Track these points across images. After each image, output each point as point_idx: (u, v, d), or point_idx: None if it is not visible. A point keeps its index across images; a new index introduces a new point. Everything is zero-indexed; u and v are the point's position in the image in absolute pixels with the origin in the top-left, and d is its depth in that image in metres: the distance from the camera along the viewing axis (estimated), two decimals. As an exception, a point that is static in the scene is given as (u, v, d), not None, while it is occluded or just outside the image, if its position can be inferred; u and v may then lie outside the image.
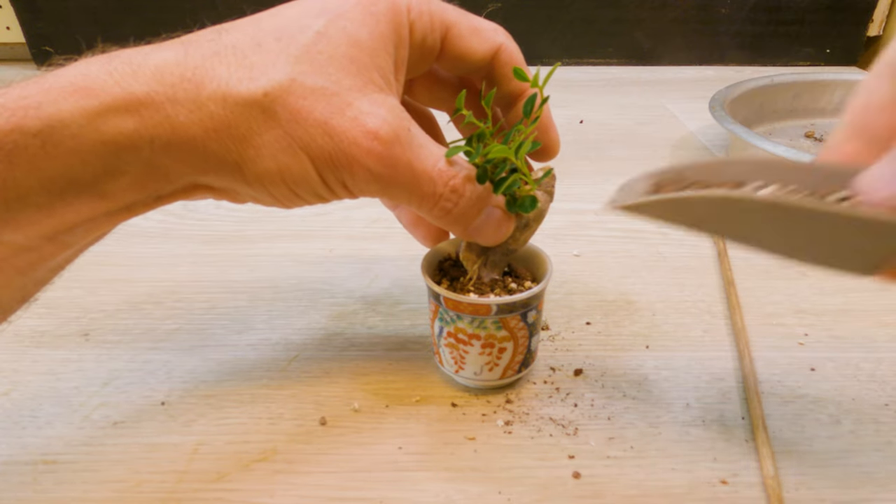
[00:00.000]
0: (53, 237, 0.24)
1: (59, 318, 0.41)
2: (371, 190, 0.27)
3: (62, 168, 0.23)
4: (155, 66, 0.24)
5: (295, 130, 0.25)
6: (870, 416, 0.33)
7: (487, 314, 0.31)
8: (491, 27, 0.30)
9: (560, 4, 0.95)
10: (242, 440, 0.32)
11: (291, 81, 0.24)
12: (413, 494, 0.29)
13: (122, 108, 0.23)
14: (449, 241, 0.35)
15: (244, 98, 0.24)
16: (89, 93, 0.23)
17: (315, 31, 0.25)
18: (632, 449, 0.31)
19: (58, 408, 0.34)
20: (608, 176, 0.61)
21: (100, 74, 0.23)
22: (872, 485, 0.29)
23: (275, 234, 0.51)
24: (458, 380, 0.34)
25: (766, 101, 0.71)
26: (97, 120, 0.23)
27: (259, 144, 0.25)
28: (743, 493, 0.29)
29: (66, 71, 0.23)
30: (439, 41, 0.29)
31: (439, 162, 0.27)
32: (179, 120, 0.24)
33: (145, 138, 0.23)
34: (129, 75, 0.23)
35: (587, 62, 1.00)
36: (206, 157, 0.25)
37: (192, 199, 0.27)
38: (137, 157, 0.24)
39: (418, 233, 0.35)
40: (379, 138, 0.25)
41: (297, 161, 0.25)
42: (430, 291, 0.32)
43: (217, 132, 0.24)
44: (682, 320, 0.41)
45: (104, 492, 0.29)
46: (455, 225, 0.29)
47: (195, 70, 0.24)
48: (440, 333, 0.33)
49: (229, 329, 0.40)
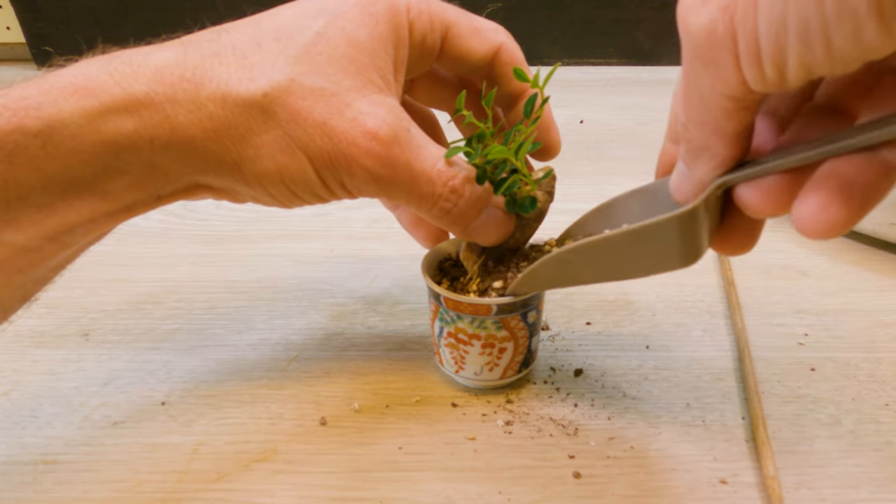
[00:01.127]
0: (54, 237, 0.24)
1: (60, 317, 0.41)
2: (370, 190, 0.27)
3: (63, 168, 0.23)
4: (155, 67, 0.24)
5: (294, 131, 0.25)
6: (870, 416, 0.33)
7: (488, 314, 0.31)
8: (491, 27, 0.30)
9: (560, 4, 0.95)
10: (242, 440, 0.32)
11: (290, 82, 0.24)
12: (413, 494, 0.29)
13: (121, 109, 0.23)
14: (449, 242, 0.35)
15: (243, 98, 0.24)
16: (89, 93, 0.23)
17: (314, 31, 0.25)
18: (632, 449, 0.31)
19: (58, 408, 0.34)
20: (608, 176, 0.61)
21: (100, 75, 0.23)
22: (872, 485, 0.29)
23: (275, 234, 0.51)
24: (459, 380, 0.34)
25: (765, 101, 0.71)
26: (97, 120, 0.23)
27: (258, 145, 0.25)
28: (743, 493, 0.29)
29: (67, 71, 0.23)
30: (439, 41, 0.29)
31: (438, 162, 0.27)
32: (179, 120, 0.24)
33: (145, 138, 0.23)
34: (129, 75, 0.23)
35: (587, 62, 1.00)
36: (206, 157, 0.25)
37: (193, 200, 0.27)
38: (137, 157, 0.24)
39: (418, 234, 0.35)
40: (378, 138, 0.25)
41: (295, 161, 0.25)
42: (430, 291, 0.32)
43: (216, 132, 0.24)
44: (683, 320, 0.41)
45: (104, 492, 0.29)
46: (454, 225, 0.29)
47: (195, 70, 0.24)
48: (440, 333, 0.33)
49: (229, 329, 0.40)
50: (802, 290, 0.43)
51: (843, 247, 0.49)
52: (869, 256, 0.47)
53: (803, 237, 0.18)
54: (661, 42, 0.99)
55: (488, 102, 0.29)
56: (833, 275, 0.45)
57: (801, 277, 0.45)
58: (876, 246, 0.48)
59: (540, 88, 0.29)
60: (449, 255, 0.35)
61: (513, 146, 0.28)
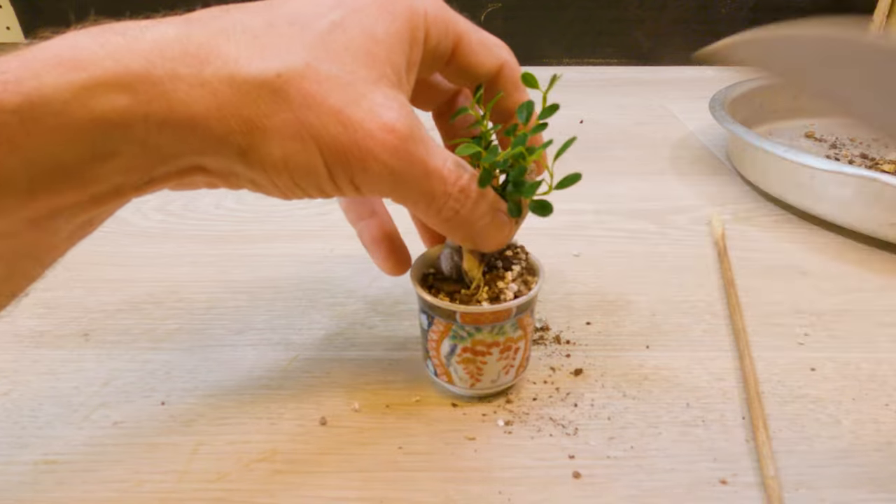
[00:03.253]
0: (36, 222, 0.22)
1: (60, 318, 0.41)
2: (381, 186, 0.25)
3: (45, 148, 0.21)
4: (153, 40, 0.22)
5: (307, 116, 0.23)
6: (870, 416, 0.33)
7: (507, 318, 0.30)
8: (496, 42, 0.30)
9: (560, 4, 0.95)
10: (243, 440, 0.32)
11: (306, 66, 0.23)
12: (413, 494, 0.29)
13: (113, 83, 0.21)
14: (420, 261, 0.33)
15: (254, 77, 0.22)
16: (77, 65, 0.21)
17: (330, 20, 0.24)
18: (632, 449, 0.31)
19: (58, 408, 0.34)
20: (608, 176, 0.61)
21: (90, 46, 0.21)
22: (872, 485, 0.29)
23: (275, 233, 0.51)
24: (471, 393, 0.34)
25: (765, 100, 0.71)
26: (85, 95, 0.21)
27: (265, 127, 0.23)
28: (743, 494, 0.29)
29: (52, 43, 0.21)
30: (450, 49, 0.28)
31: (448, 161, 0.26)
32: (178, 96, 0.22)
33: (139, 115, 0.22)
34: (124, 47, 0.21)
35: (587, 62, 1.00)
36: (206, 136, 0.23)
37: (185, 186, 0.26)
38: (129, 135, 0.22)
39: (379, 250, 0.33)
40: (395, 131, 0.24)
41: (304, 150, 0.24)
42: (436, 312, 0.31)
43: (220, 111, 0.22)
44: (682, 320, 0.41)
45: (104, 492, 0.29)
46: (460, 228, 0.28)
47: (199, 46, 0.22)
48: (452, 352, 0.32)
49: (229, 329, 0.40)
50: (802, 290, 0.43)
51: (843, 247, 0.49)
52: (869, 256, 0.47)
53: (803, 237, 0.18)
54: (661, 42, 0.99)
55: (480, 100, 0.29)
56: (833, 275, 0.45)
57: (801, 277, 0.45)
58: (876, 246, 0.49)
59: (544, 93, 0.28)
60: (430, 270, 0.34)
61: (518, 149, 0.27)
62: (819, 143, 0.69)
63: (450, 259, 0.32)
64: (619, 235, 0.51)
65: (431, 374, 0.34)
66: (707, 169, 0.64)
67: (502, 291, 0.31)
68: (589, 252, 0.48)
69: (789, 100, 0.72)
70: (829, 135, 0.70)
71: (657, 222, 0.53)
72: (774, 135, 0.71)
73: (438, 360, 0.33)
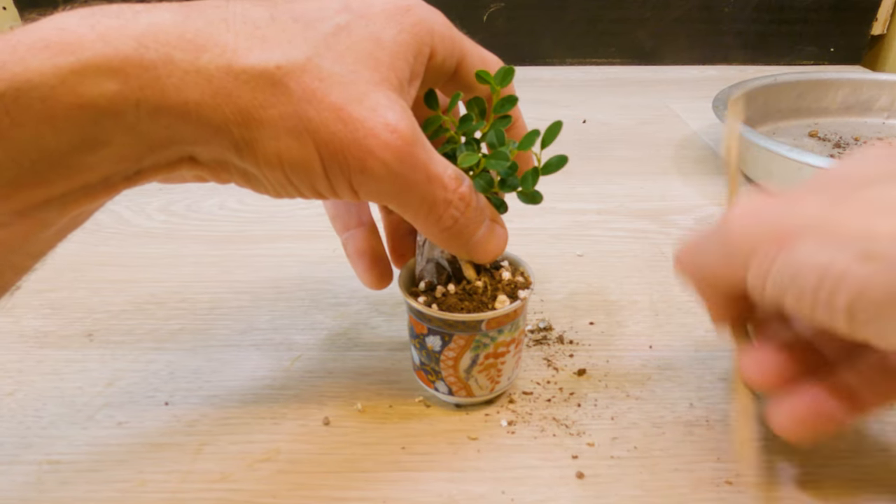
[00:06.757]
0: (25, 212, 0.22)
1: (64, 318, 0.41)
2: (381, 189, 0.25)
3: (31, 135, 0.20)
4: (148, 24, 0.21)
5: (306, 111, 0.22)
6: (873, 417, 0.33)
7: (523, 311, 0.31)
8: (495, 60, 0.30)
9: (562, 4, 0.95)
10: (246, 440, 0.32)
11: (308, 60, 0.23)
12: (416, 494, 0.29)
13: (104, 67, 0.20)
14: (405, 279, 0.33)
15: (253, 67, 0.22)
16: (65, 48, 0.20)
17: (336, 23, 0.24)
18: (635, 449, 0.31)
19: (62, 408, 0.34)
20: (610, 176, 0.61)
21: (79, 28, 0.20)
22: (875, 485, 0.29)
23: (278, 234, 0.51)
24: (490, 397, 0.33)
25: (769, 100, 0.71)
26: (73, 80, 0.20)
27: (261, 118, 0.22)
28: (747, 494, 0.29)
29: (39, 25, 0.20)
30: (454, 67, 0.28)
31: (448, 168, 0.26)
32: (172, 82, 0.21)
33: (130, 101, 0.21)
34: (116, 30, 0.20)
35: (590, 62, 1.00)
36: (199, 125, 0.22)
37: (174, 179, 0.25)
38: (119, 122, 0.21)
39: (362, 263, 0.33)
40: (399, 132, 0.23)
41: (301, 146, 0.23)
42: (460, 328, 0.30)
43: (215, 98, 0.22)
44: (686, 320, 0.40)
45: (108, 492, 0.29)
46: (458, 237, 0.27)
47: (197, 33, 0.21)
48: (473, 364, 0.31)
49: (232, 329, 0.40)
50: (806, 290, 0.43)
51: (846, 246, 0.49)
52: (873, 256, 0.47)
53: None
54: (664, 42, 0.99)
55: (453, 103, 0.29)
56: (837, 274, 0.45)
57: (805, 277, 0.45)
58: (880, 245, 0.48)
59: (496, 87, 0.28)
60: (414, 279, 0.33)
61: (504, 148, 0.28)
62: (823, 143, 0.69)
63: (434, 273, 0.31)
64: (622, 235, 0.51)
65: (444, 394, 0.33)
66: (710, 168, 0.64)
67: (510, 286, 0.31)
68: (592, 252, 0.48)
69: (793, 99, 0.72)
70: (833, 134, 0.70)
71: (660, 222, 0.53)
72: (778, 134, 0.71)
73: (455, 378, 0.32)
